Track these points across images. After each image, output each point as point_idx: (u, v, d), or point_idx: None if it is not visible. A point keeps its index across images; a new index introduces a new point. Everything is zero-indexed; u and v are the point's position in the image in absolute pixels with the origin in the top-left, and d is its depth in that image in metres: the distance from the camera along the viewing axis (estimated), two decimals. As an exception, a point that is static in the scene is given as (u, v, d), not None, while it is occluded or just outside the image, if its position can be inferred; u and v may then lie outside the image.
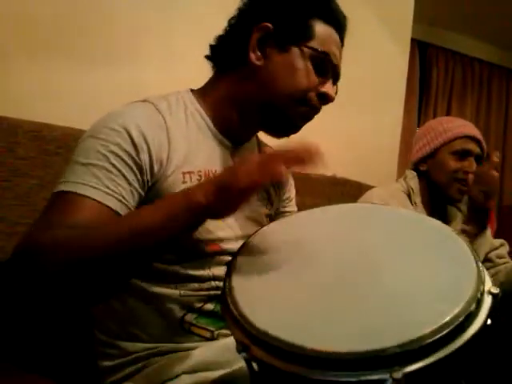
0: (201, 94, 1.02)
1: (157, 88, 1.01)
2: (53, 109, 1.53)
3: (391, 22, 2.49)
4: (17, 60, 1.53)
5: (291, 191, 1.23)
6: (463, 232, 1.42)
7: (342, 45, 1.02)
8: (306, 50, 0.94)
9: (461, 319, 0.57)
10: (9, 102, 1.48)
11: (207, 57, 1.03)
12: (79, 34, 1.63)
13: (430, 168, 1.71)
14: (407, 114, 3.23)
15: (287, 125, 1.00)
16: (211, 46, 1.03)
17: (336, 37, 0.98)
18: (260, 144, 1.15)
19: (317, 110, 1.01)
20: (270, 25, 0.95)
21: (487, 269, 1.64)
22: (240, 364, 0.63)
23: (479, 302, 0.60)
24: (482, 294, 0.61)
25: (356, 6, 2.33)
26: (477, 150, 1.66)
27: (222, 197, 0.71)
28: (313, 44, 0.95)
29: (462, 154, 1.65)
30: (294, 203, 1.23)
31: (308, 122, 1.01)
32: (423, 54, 4.15)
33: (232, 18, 1.01)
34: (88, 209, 0.79)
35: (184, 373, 0.87)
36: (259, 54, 0.96)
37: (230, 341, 0.65)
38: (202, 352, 0.90)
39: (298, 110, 0.97)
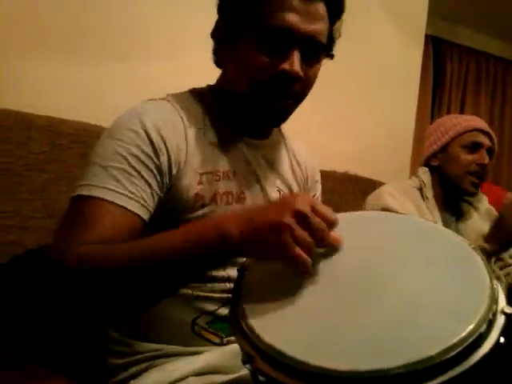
0: (215, 89, 1.01)
1: (169, 83, 1.01)
2: (65, 104, 1.54)
3: (405, 18, 2.47)
4: (30, 55, 1.54)
5: (317, 189, 1.19)
6: (481, 249, 1.42)
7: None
8: (248, 35, 0.88)
9: (470, 340, 0.54)
10: (22, 96, 1.48)
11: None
12: (92, 29, 1.64)
13: (441, 162, 1.72)
14: (421, 111, 3.20)
15: (265, 119, 0.95)
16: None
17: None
18: (286, 140, 1.11)
19: (282, 95, 0.90)
20: (220, 21, 0.93)
21: (500, 268, 1.64)
22: (247, 371, 0.63)
23: (491, 323, 0.57)
24: (495, 314, 0.58)
25: (370, 2, 2.32)
26: (487, 142, 1.67)
27: (259, 241, 0.68)
28: (261, 24, 0.86)
29: (473, 147, 1.66)
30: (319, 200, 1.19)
31: (289, 113, 0.94)
32: (437, 50, 4.11)
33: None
34: (111, 214, 0.79)
35: (191, 375, 0.87)
36: (222, 53, 0.95)
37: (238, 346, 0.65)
38: (211, 355, 0.89)
39: (265, 101, 0.90)
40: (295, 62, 0.86)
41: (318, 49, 0.90)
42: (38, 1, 1.55)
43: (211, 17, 0.98)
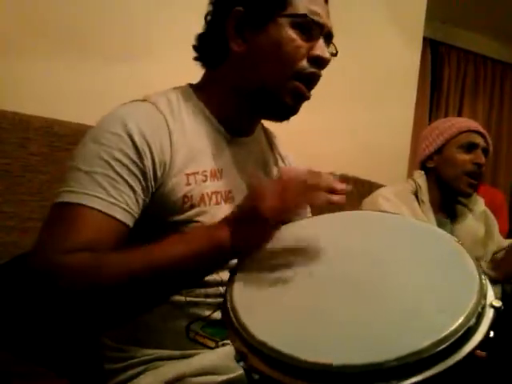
0: (199, 88, 1.00)
1: (168, 83, 1.00)
2: (63, 105, 1.54)
3: (403, 20, 2.48)
4: (28, 57, 1.54)
5: None
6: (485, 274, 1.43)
7: (327, 0, 0.96)
8: (282, 20, 0.90)
9: (460, 333, 0.56)
10: (20, 98, 1.49)
11: (195, 58, 1.01)
12: (91, 30, 1.64)
13: (437, 164, 1.73)
14: (419, 113, 3.21)
15: (279, 105, 0.94)
16: (194, 47, 1.00)
17: None
18: (268, 134, 1.12)
19: (313, 79, 0.94)
20: (240, 8, 0.91)
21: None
22: (242, 371, 0.63)
23: (480, 316, 0.59)
24: (484, 308, 0.60)
25: (369, 4, 2.33)
26: (482, 142, 1.68)
27: (249, 233, 0.74)
28: (289, 11, 0.90)
29: (469, 147, 1.67)
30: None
31: (305, 101, 0.95)
32: (435, 53, 4.12)
33: (207, 13, 0.98)
34: (95, 221, 0.78)
35: (187, 376, 0.86)
36: (239, 40, 0.93)
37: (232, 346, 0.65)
38: (206, 357, 0.89)
39: (291, 86, 0.92)
40: (325, 49, 0.92)
41: (330, 42, 0.97)
42: (37, 2, 1.56)
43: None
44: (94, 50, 1.65)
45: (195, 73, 1.01)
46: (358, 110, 2.32)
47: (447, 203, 1.73)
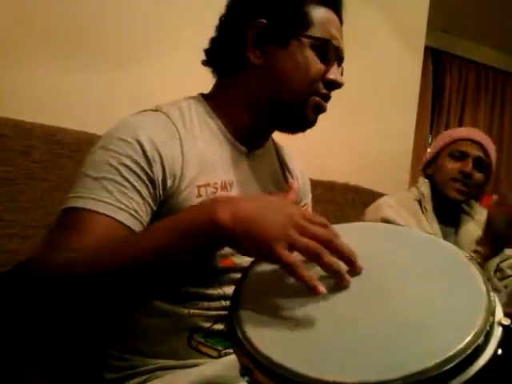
0: (211, 98, 0.99)
1: (169, 90, 1.01)
2: (66, 112, 1.54)
3: (405, 29, 2.48)
4: (30, 63, 1.54)
5: (308, 197, 1.19)
6: (475, 252, 1.42)
7: (342, 23, 0.98)
8: (305, 40, 0.91)
9: (468, 352, 0.54)
10: (23, 105, 1.49)
11: (204, 62, 1.00)
12: (92, 36, 1.64)
13: (433, 172, 1.75)
14: (420, 122, 3.21)
15: (301, 120, 0.96)
16: (206, 51, 0.99)
17: (334, 17, 0.95)
18: (277, 146, 1.12)
19: (327, 99, 0.96)
20: (264, 21, 0.91)
21: (498, 279, 1.63)
22: (245, 383, 0.62)
23: (488, 335, 0.57)
24: (492, 326, 0.58)
25: (370, 13, 2.34)
26: (475, 152, 1.68)
27: (250, 238, 0.66)
28: (312, 32, 0.91)
29: (460, 156, 1.68)
30: (310, 209, 1.20)
31: (322, 113, 0.97)
32: (436, 62, 4.13)
33: (222, 16, 0.98)
34: (101, 225, 0.77)
35: None
36: (258, 52, 0.93)
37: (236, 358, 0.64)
38: (208, 367, 0.88)
39: (308, 101, 0.93)
40: (339, 74, 0.95)
41: (340, 65, 0.98)
42: (37, 9, 1.56)
43: (209, 22, 0.98)
44: (94, 56, 1.65)
45: (195, 77, 1.00)
46: (360, 119, 2.32)
47: (447, 212, 1.72)
